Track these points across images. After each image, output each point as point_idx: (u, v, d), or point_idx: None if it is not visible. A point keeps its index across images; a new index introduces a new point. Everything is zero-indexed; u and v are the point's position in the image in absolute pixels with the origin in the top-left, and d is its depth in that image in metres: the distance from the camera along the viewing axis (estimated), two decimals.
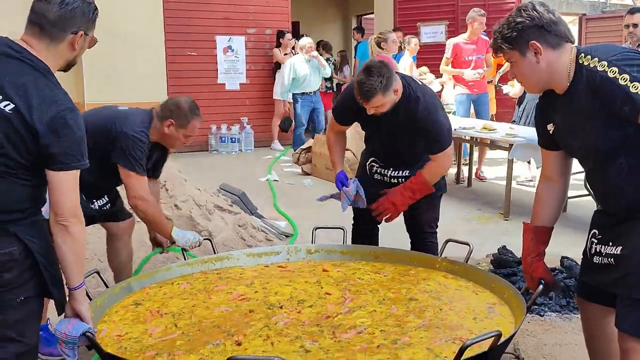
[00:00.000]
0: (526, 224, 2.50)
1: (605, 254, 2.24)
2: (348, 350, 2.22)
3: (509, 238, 5.05)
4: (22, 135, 2.00)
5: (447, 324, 2.45)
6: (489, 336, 2.00)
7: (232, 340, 2.32)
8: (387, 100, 3.19)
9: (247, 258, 3.30)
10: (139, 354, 2.25)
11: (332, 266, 3.19)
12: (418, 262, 3.17)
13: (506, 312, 2.55)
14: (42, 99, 2.02)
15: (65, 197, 2.08)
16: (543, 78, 2.24)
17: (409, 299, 2.70)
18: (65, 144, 2.05)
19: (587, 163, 2.30)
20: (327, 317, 2.54)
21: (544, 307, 3.59)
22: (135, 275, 3.34)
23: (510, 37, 2.22)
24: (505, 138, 5.99)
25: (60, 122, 2.03)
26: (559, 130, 2.31)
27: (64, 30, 2.10)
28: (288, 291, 2.82)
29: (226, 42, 9.93)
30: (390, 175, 3.56)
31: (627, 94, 1.99)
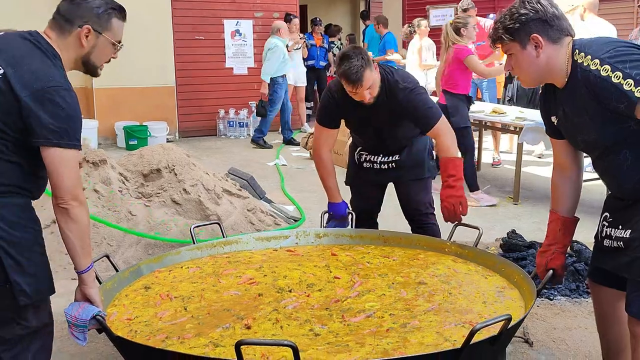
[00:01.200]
0: (555, 213, 2.46)
1: (615, 237, 2.23)
2: (357, 334, 2.22)
3: (519, 222, 5.04)
4: (9, 102, 1.97)
5: (457, 307, 2.44)
6: (499, 320, 1.99)
7: (241, 324, 2.33)
8: (374, 77, 3.14)
9: (255, 242, 3.30)
10: (149, 337, 2.26)
11: (341, 250, 3.18)
12: (427, 246, 3.16)
13: (516, 296, 2.54)
14: (33, 72, 2.00)
15: (61, 177, 2.03)
16: (541, 72, 2.22)
17: (418, 283, 2.70)
18: (49, 119, 1.99)
19: (592, 153, 2.29)
20: (336, 300, 2.54)
21: (553, 291, 3.57)
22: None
23: (513, 28, 2.19)
24: (515, 122, 5.95)
25: (47, 96, 1.99)
26: (562, 123, 2.30)
27: (70, 22, 2.12)
28: (297, 275, 2.82)
29: (234, 26, 9.89)
30: (380, 161, 3.51)
31: (620, 91, 1.97)
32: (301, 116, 10.14)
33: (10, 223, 1.99)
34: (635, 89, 1.93)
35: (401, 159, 3.47)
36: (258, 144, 8.72)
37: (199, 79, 9.68)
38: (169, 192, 4.53)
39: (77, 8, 2.13)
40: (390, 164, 3.50)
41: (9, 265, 1.97)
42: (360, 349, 2.09)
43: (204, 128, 9.84)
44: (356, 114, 3.35)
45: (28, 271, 2.01)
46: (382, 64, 3.45)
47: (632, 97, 1.94)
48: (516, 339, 3.00)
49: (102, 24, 2.17)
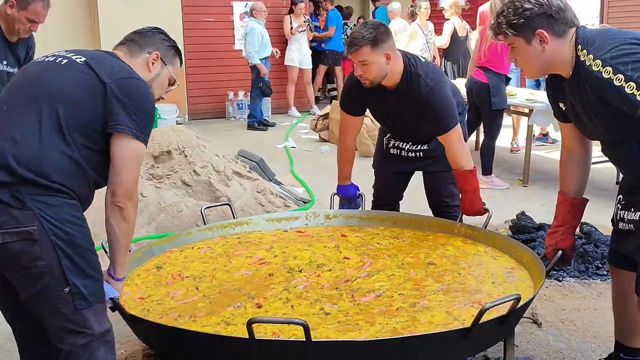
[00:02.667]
0: (563, 195, 2.48)
1: (627, 220, 2.25)
2: (367, 313, 2.25)
3: (528, 204, 5.04)
4: (96, 86, 2.00)
5: (466, 288, 2.46)
6: (509, 299, 2.01)
7: (252, 303, 2.35)
8: (375, 58, 2.98)
9: (266, 223, 3.33)
10: (162, 316, 2.29)
11: (350, 231, 3.20)
12: (437, 228, 3.17)
13: (525, 277, 2.56)
14: (115, 66, 2.08)
15: (128, 172, 2.02)
16: (545, 66, 2.21)
17: (427, 264, 2.71)
18: (133, 109, 2.02)
19: (600, 144, 2.30)
20: (346, 280, 2.56)
21: (562, 273, 3.58)
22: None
23: (517, 24, 2.16)
24: (525, 104, 5.92)
25: (133, 85, 2.06)
26: (569, 111, 2.30)
27: (141, 47, 2.22)
28: (307, 255, 2.84)
29: (243, 7, 9.84)
30: (407, 148, 3.42)
31: (622, 94, 1.96)
32: (309, 99, 10.12)
33: (66, 222, 1.90)
34: (637, 92, 1.93)
35: (430, 148, 3.38)
36: (256, 128, 8.73)
37: (208, 61, 9.67)
38: (179, 174, 4.57)
39: (148, 37, 2.25)
40: (418, 152, 3.41)
41: (67, 267, 1.89)
42: (370, 327, 2.12)
43: (213, 110, 9.84)
44: (378, 102, 3.26)
45: (85, 273, 1.94)
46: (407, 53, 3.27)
47: (634, 100, 1.94)
48: (525, 320, 3.02)
49: (168, 56, 2.27)
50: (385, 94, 3.17)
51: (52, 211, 1.87)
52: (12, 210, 1.84)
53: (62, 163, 1.93)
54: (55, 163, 1.91)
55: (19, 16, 3.30)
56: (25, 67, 2.21)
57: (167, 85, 2.30)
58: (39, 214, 1.85)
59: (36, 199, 1.86)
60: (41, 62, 2.12)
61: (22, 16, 3.29)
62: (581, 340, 2.91)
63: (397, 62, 3.09)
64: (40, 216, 1.85)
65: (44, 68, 2.08)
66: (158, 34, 2.28)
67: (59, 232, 1.88)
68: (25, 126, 1.92)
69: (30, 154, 1.88)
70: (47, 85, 2.00)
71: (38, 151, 1.89)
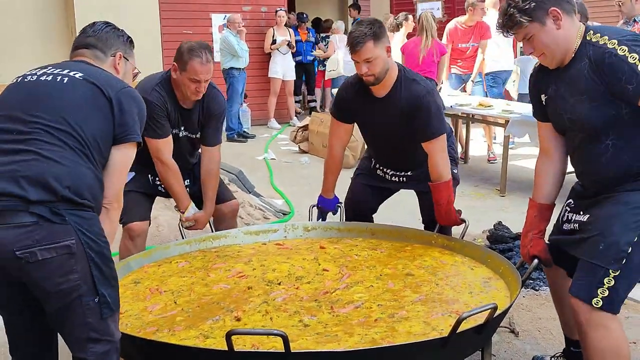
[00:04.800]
0: (532, 200, 2.53)
1: (574, 221, 2.34)
2: (346, 324, 2.25)
3: (505, 214, 5.08)
4: (101, 100, 2.07)
5: (444, 298, 2.48)
6: (485, 309, 2.03)
7: (231, 316, 2.35)
8: (378, 53, 3.02)
9: (244, 236, 3.32)
10: (140, 330, 2.28)
11: (329, 243, 3.21)
12: (414, 239, 3.19)
13: (501, 286, 2.59)
14: (108, 78, 2.16)
15: (120, 177, 2.12)
16: (563, 45, 2.22)
17: (405, 274, 2.73)
18: (136, 117, 2.14)
19: (574, 139, 2.33)
20: (325, 292, 2.57)
21: (539, 282, 3.62)
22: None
23: (529, 8, 2.19)
24: (501, 114, 6.00)
25: (132, 94, 2.16)
26: (550, 101, 2.34)
27: (104, 51, 2.27)
28: (286, 268, 2.84)
29: (222, 19, 9.86)
30: (391, 174, 3.42)
31: (634, 71, 2.04)
32: (290, 110, 10.18)
33: (97, 235, 1.96)
34: None
35: (413, 174, 3.36)
36: (235, 140, 8.76)
37: None
38: None
39: (105, 39, 2.28)
40: (402, 177, 3.40)
41: (97, 277, 1.94)
42: (349, 338, 2.13)
43: None
44: (368, 114, 3.25)
45: (110, 282, 2.00)
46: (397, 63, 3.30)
47: None
48: (502, 329, 3.05)
49: (127, 51, 2.34)
50: (376, 105, 3.20)
51: (86, 224, 1.93)
52: (52, 225, 1.87)
53: (90, 180, 2.00)
54: (86, 181, 1.98)
55: (182, 79, 3.16)
56: (23, 88, 2.12)
57: (130, 77, 2.37)
58: (76, 227, 1.90)
59: (73, 213, 1.91)
60: (41, 81, 2.10)
61: (184, 78, 3.15)
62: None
63: (393, 66, 3.15)
64: (77, 230, 1.90)
65: (50, 89, 2.07)
66: (111, 32, 2.30)
67: (92, 244, 1.93)
68: (55, 147, 1.96)
69: (66, 173, 1.93)
70: (61, 106, 2.03)
71: (72, 170, 1.95)
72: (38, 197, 1.86)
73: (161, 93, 3.23)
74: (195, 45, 3.20)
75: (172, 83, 3.27)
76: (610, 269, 2.11)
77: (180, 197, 3.33)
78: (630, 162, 2.20)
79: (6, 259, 1.85)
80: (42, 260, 1.85)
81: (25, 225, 1.84)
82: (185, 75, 3.16)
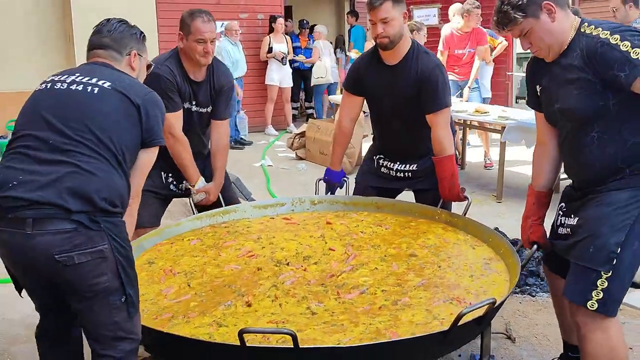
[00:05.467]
0: (531, 188, 2.62)
1: (566, 225, 2.40)
2: (352, 312, 2.36)
3: (502, 220, 5.07)
4: (129, 107, 2.19)
5: (445, 282, 2.58)
6: (484, 304, 2.14)
7: (242, 301, 2.46)
8: (395, 15, 3.11)
9: (253, 210, 3.43)
10: (156, 317, 2.40)
11: (335, 218, 3.31)
12: (418, 213, 3.28)
13: (502, 269, 2.68)
14: (133, 84, 2.28)
15: (140, 177, 2.31)
16: (558, 37, 2.27)
17: (409, 255, 2.83)
18: (158, 120, 2.29)
19: (563, 129, 2.40)
20: (332, 275, 2.67)
21: (535, 288, 3.64)
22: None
23: (522, 3, 2.23)
24: (497, 121, 5.97)
25: (156, 100, 2.31)
26: (544, 91, 2.41)
27: (119, 51, 2.36)
28: (294, 247, 2.94)
29: (219, 27, 9.64)
30: (396, 169, 3.47)
31: (627, 58, 2.09)
32: (287, 117, 10.17)
33: (124, 239, 2.13)
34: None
35: (418, 168, 3.43)
36: (232, 147, 8.64)
37: None
38: None
39: (119, 39, 2.37)
40: (407, 172, 3.45)
41: (124, 279, 2.11)
42: (355, 328, 2.24)
43: None
44: (380, 78, 3.32)
45: (133, 283, 2.17)
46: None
47: (636, 62, 2.07)
48: (499, 335, 3.12)
49: (141, 47, 2.43)
50: (387, 72, 3.29)
51: (117, 230, 2.10)
52: (89, 232, 2.02)
53: (122, 189, 2.16)
54: (119, 190, 2.14)
55: (188, 44, 3.23)
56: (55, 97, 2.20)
57: (145, 72, 2.48)
58: (108, 233, 2.06)
59: (107, 220, 2.07)
60: (72, 91, 2.19)
61: (190, 42, 3.23)
62: (555, 354, 2.93)
63: (407, 35, 3.25)
64: (109, 235, 2.06)
65: (82, 100, 2.17)
66: (125, 30, 2.39)
67: (121, 249, 2.10)
68: (92, 160, 2.09)
69: (104, 185, 2.08)
70: (94, 117, 2.15)
71: (108, 182, 2.10)
72: (77, 208, 2.01)
73: (170, 67, 3.29)
74: (194, 9, 3.34)
75: (180, 56, 3.32)
76: (602, 271, 2.18)
77: (189, 171, 3.40)
78: (614, 156, 2.25)
79: (44, 263, 2.00)
80: (78, 263, 2.01)
81: (66, 232, 1.99)
82: (191, 39, 3.25)
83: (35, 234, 1.97)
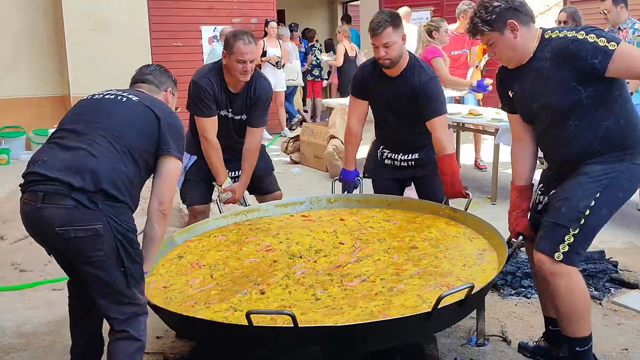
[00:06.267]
0: (512, 184, 2.89)
1: (545, 201, 2.74)
2: (351, 297, 2.66)
3: (497, 222, 4.92)
4: (151, 118, 2.59)
5: (439, 271, 2.85)
6: (463, 288, 2.41)
7: (257, 289, 2.78)
8: (395, 39, 3.44)
9: (275, 209, 3.76)
10: (181, 303, 2.75)
11: (349, 214, 3.61)
12: (425, 209, 3.56)
13: (493, 259, 2.93)
14: (157, 102, 2.72)
15: (170, 187, 2.63)
16: (519, 51, 2.61)
17: (410, 247, 3.11)
18: (175, 135, 2.64)
19: (541, 124, 2.68)
20: (338, 266, 2.98)
21: (530, 290, 3.72)
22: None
23: (490, 19, 2.57)
24: (491, 123, 5.98)
25: (175, 118, 2.70)
26: (518, 96, 2.71)
27: (158, 86, 2.88)
28: (307, 241, 3.26)
29: (212, 32, 9.93)
30: (400, 159, 3.79)
31: (597, 47, 2.41)
32: (281, 121, 10.28)
33: (122, 221, 2.46)
34: (609, 43, 2.39)
35: (421, 157, 3.75)
36: None
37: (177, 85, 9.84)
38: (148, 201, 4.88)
39: (159, 77, 2.90)
40: (410, 161, 3.78)
41: (123, 254, 2.44)
42: (352, 311, 2.53)
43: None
44: (382, 89, 3.64)
45: (134, 259, 2.50)
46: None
47: (607, 50, 2.39)
48: (495, 338, 3.22)
49: (174, 89, 2.97)
50: (388, 83, 3.61)
51: (115, 212, 2.43)
52: (87, 211, 2.36)
53: (126, 178, 2.49)
54: (122, 178, 2.47)
55: (230, 62, 3.67)
56: (91, 103, 2.69)
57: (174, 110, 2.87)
58: (106, 214, 2.39)
59: (106, 203, 2.40)
60: (105, 99, 2.67)
61: (232, 61, 3.65)
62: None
63: (405, 51, 3.56)
64: (107, 216, 2.39)
65: (110, 104, 2.64)
66: (164, 72, 2.95)
67: (119, 228, 2.42)
68: (103, 148, 2.49)
69: (107, 169, 2.43)
70: (116, 116, 2.59)
71: (113, 168, 2.45)
72: (79, 185, 2.35)
73: (211, 79, 3.75)
74: (238, 30, 3.75)
75: (223, 70, 3.77)
76: (570, 228, 2.51)
77: (218, 171, 3.80)
78: (591, 139, 2.56)
79: (48, 232, 2.39)
80: (75, 237, 2.36)
81: (66, 208, 2.35)
82: (232, 58, 3.64)
83: (42, 207, 2.35)
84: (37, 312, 3.65)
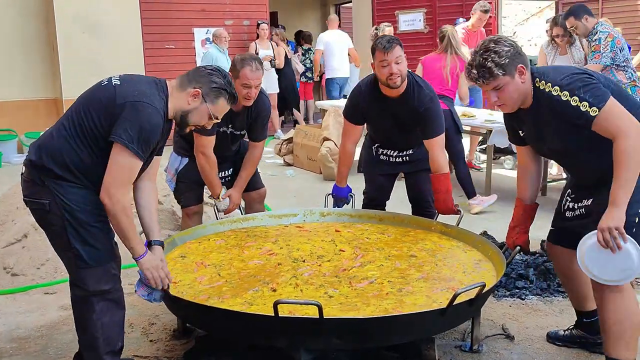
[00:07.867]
0: (519, 200, 3.04)
1: (578, 208, 2.81)
2: (363, 297, 2.77)
3: (490, 223, 5.16)
4: (113, 103, 2.50)
5: (442, 276, 3.00)
6: (476, 286, 2.56)
7: (268, 287, 2.86)
8: (402, 55, 3.58)
9: (269, 219, 3.84)
10: (194, 298, 2.78)
11: (343, 227, 3.73)
12: (417, 225, 3.72)
13: (490, 267, 3.11)
14: (135, 90, 2.54)
15: (109, 175, 2.46)
16: (522, 95, 2.69)
17: (409, 256, 3.25)
18: (124, 123, 2.45)
19: (557, 158, 2.90)
20: (344, 270, 3.08)
21: (525, 291, 3.75)
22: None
23: (505, 64, 2.61)
24: (484, 124, 6.10)
25: (137, 106, 2.48)
26: (528, 136, 2.86)
27: (189, 82, 2.65)
28: (308, 248, 3.35)
29: (204, 34, 9.98)
30: (395, 155, 3.99)
31: (579, 112, 2.53)
32: (274, 123, 10.23)
33: (71, 201, 2.51)
34: (590, 109, 2.51)
35: (414, 152, 3.95)
36: None
37: None
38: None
39: (198, 75, 2.67)
40: (404, 157, 3.97)
41: (71, 234, 2.51)
42: (367, 308, 2.64)
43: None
44: (381, 111, 3.76)
45: (86, 241, 2.52)
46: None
47: (588, 115, 2.52)
48: (496, 337, 3.26)
49: (210, 94, 2.65)
50: (388, 105, 3.73)
51: (63, 191, 2.51)
52: (36, 186, 2.54)
53: (77, 160, 2.52)
54: (74, 159, 2.52)
55: (235, 85, 3.55)
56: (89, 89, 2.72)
57: (205, 120, 2.70)
58: (54, 191, 2.50)
59: (53, 181, 2.51)
60: (96, 84, 2.67)
61: (237, 85, 3.59)
62: (544, 357, 3.04)
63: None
64: (54, 194, 2.50)
65: (94, 89, 2.65)
66: (211, 74, 2.67)
67: (67, 207, 2.50)
68: (64, 131, 2.56)
69: (58, 149, 2.52)
70: (87, 100, 2.60)
71: (64, 149, 2.52)
72: (34, 160, 2.54)
73: None
74: (246, 55, 3.77)
75: None
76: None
77: (213, 185, 3.87)
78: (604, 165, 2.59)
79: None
80: (32, 208, 2.61)
81: (25, 180, 2.60)
82: (238, 82, 3.66)
83: (21, 178, 2.63)
84: (29, 317, 3.58)
